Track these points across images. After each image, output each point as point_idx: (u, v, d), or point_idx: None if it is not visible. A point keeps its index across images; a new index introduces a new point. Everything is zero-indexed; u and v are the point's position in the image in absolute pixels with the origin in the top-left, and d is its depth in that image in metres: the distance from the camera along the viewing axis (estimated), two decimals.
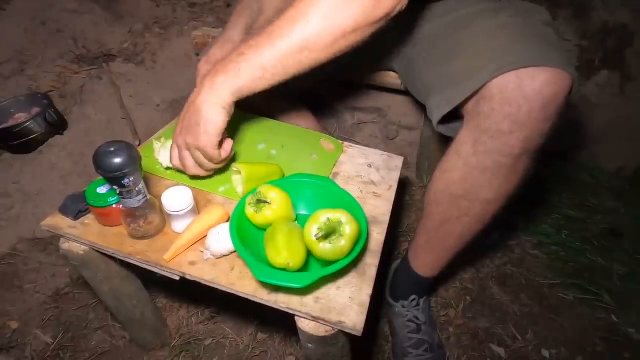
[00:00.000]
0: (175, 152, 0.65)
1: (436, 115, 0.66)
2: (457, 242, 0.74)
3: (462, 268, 1.10)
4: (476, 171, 0.62)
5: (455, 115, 0.66)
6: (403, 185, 1.30)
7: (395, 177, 0.75)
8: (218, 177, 0.71)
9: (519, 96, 0.53)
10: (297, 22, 0.53)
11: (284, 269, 0.50)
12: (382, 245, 0.62)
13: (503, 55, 0.56)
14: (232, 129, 0.84)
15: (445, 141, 0.71)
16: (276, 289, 0.54)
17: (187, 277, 0.56)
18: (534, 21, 0.64)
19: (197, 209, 0.62)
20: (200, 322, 0.94)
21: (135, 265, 0.59)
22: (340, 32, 0.53)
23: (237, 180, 0.68)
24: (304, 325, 0.53)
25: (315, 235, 0.50)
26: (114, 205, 0.58)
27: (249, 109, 0.91)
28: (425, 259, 0.82)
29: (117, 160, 0.50)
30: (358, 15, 0.53)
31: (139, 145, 0.90)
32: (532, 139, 0.56)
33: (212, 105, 0.57)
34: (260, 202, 0.57)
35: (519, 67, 0.53)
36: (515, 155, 0.57)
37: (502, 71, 0.54)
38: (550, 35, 0.63)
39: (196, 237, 0.59)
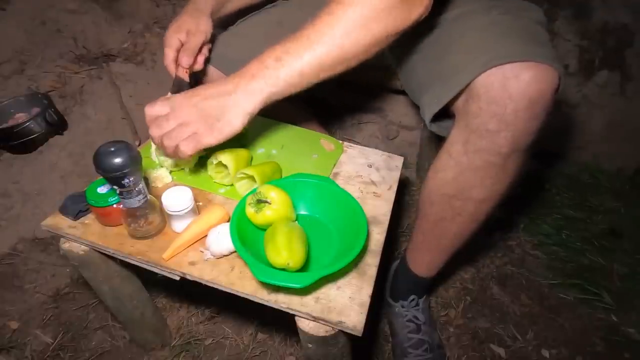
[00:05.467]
0: (164, 114, 0.62)
1: (427, 114, 0.66)
2: (452, 241, 0.74)
3: (462, 268, 1.10)
4: (467, 171, 0.61)
5: (448, 114, 0.65)
6: (403, 185, 1.30)
7: (395, 177, 0.75)
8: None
9: (504, 95, 0.52)
10: (334, 27, 0.52)
11: (284, 269, 0.51)
12: (382, 245, 0.62)
13: (487, 51, 0.56)
14: None
15: (444, 141, 0.71)
16: (276, 289, 0.54)
17: (187, 277, 0.56)
18: (525, 19, 0.63)
19: (197, 209, 0.62)
20: (200, 322, 0.94)
21: (135, 265, 0.59)
22: (374, 40, 0.54)
23: (242, 186, 0.68)
24: (304, 325, 0.53)
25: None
26: (114, 205, 0.58)
27: None
28: (422, 259, 0.82)
29: (117, 160, 0.50)
30: (394, 20, 0.53)
31: (139, 145, 0.90)
32: (520, 138, 0.55)
33: (242, 110, 0.56)
34: (260, 202, 0.57)
35: (502, 63, 0.52)
36: (504, 154, 0.57)
37: (486, 67, 0.53)
38: (540, 33, 0.62)
39: (196, 237, 0.59)
